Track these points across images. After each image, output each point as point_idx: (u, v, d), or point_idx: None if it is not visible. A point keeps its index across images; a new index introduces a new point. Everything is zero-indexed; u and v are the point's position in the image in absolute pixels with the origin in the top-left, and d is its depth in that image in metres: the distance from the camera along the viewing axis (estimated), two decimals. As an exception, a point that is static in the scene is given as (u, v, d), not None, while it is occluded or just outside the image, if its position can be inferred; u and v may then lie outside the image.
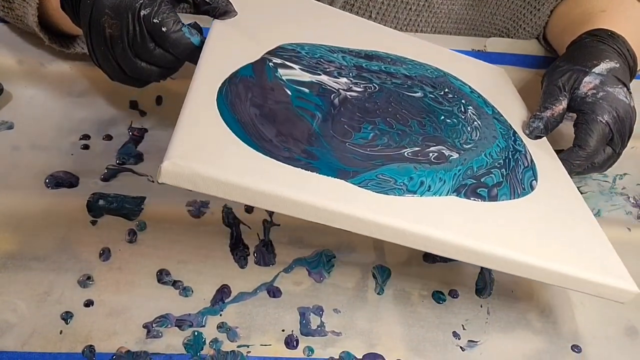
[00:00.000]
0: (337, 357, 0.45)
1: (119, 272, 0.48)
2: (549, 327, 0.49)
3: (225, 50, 0.46)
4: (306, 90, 0.46)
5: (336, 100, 0.47)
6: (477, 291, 0.51)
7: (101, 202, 0.50)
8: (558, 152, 0.56)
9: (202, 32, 0.47)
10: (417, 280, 0.51)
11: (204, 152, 0.36)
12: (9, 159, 0.53)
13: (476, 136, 0.52)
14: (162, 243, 0.49)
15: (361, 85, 0.50)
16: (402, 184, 0.43)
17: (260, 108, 0.42)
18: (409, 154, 0.46)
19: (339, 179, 0.40)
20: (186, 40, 0.45)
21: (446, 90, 0.56)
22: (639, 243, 0.57)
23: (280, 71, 0.47)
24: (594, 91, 0.54)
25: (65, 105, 0.58)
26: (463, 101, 0.56)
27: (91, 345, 0.44)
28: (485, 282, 0.52)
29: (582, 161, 0.54)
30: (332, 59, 0.52)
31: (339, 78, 0.50)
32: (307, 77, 0.48)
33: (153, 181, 0.53)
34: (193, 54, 0.46)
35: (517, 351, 0.47)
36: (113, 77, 0.49)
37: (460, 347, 0.47)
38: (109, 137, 0.56)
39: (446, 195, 0.44)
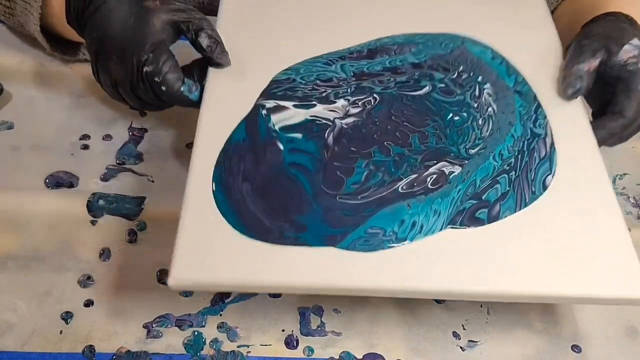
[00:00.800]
0: (337, 357, 0.45)
1: (119, 272, 0.48)
2: (549, 327, 0.49)
3: (221, 107, 0.48)
4: (299, 136, 0.47)
5: (330, 138, 0.47)
6: (477, 291, 0.51)
7: (101, 202, 0.50)
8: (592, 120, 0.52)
9: (202, 79, 0.49)
10: (417, 280, 0.51)
11: (202, 261, 0.40)
12: (9, 159, 0.53)
13: (487, 130, 0.50)
14: (162, 243, 0.49)
15: (359, 103, 0.50)
16: (391, 233, 0.43)
17: (252, 181, 0.44)
18: (404, 187, 0.45)
19: (327, 247, 0.41)
20: (185, 97, 0.47)
21: (461, 69, 0.54)
22: (639, 243, 0.57)
23: (273, 118, 0.47)
24: (634, 60, 0.52)
25: (65, 105, 0.58)
26: (480, 78, 0.53)
27: (91, 345, 0.44)
28: (485, 282, 0.52)
29: (619, 129, 0.51)
30: (329, 75, 0.51)
31: (335, 102, 0.49)
32: (301, 115, 0.48)
33: (153, 181, 0.54)
34: (193, 104, 0.48)
35: (517, 351, 0.47)
36: (114, 98, 0.50)
37: (460, 347, 0.47)
38: (109, 137, 0.56)
39: (440, 230, 0.43)
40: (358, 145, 0.47)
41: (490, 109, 0.51)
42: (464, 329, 0.48)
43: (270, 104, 0.49)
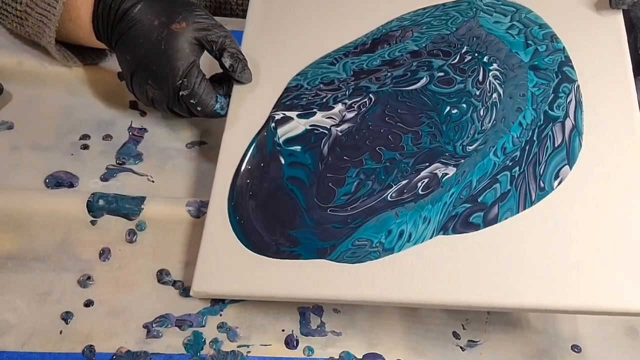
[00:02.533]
0: (337, 357, 0.45)
1: (119, 272, 0.48)
2: (549, 327, 0.49)
3: (241, 123, 0.50)
4: (299, 148, 0.48)
5: (325, 148, 0.48)
6: (477, 291, 0.51)
7: (101, 202, 0.50)
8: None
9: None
10: (417, 280, 0.51)
11: (215, 275, 0.45)
12: (9, 159, 0.53)
13: (490, 121, 0.46)
14: (162, 243, 0.49)
15: (355, 106, 0.50)
16: (378, 244, 0.43)
17: (256, 197, 0.47)
18: (393, 195, 0.45)
19: (318, 259, 0.44)
20: (218, 113, 0.52)
21: (464, 50, 0.51)
22: None
23: (279, 131, 0.49)
24: None
25: (65, 105, 0.58)
26: (485, 58, 0.50)
27: (91, 345, 0.44)
28: (485, 282, 0.52)
29: None
30: (332, 77, 0.52)
31: (333, 107, 0.50)
32: (301, 126, 0.49)
33: (153, 181, 0.53)
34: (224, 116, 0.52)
35: (517, 351, 0.47)
36: (148, 107, 0.55)
37: (460, 347, 0.47)
38: (109, 137, 0.56)
39: (430, 238, 0.43)
40: (350, 153, 0.48)
41: (495, 94, 0.48)
42: (464, 329, 0.48)
43: (278, 115, 0.50)
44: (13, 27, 0.57)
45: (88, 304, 0.46)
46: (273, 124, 0.50)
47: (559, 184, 0.43)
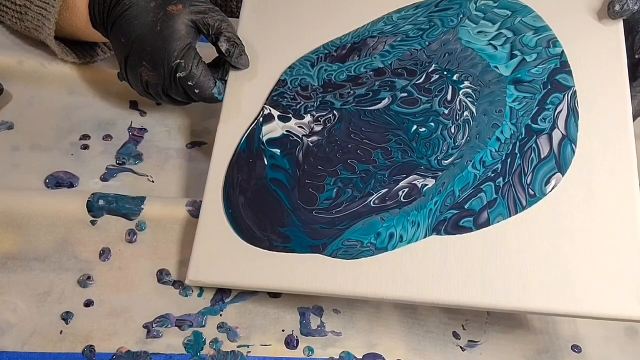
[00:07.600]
0: (337, 357, 0.45)
1: (119, 272, 0.48)
2: (549, 327, 0.49)
3: (237, 112, 0.50)
4: (278, 151, 0.48)
5: (300, 156, 0.48)
6: (477, 291, 0.51)
7: (101, 202, 0.50)
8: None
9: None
10: (417, 280, 0.51)
11: (211, 265, 0.46)
12: (9, 159, 0.53)
13: (463, 137, 0.46)
14: (162, 243, 0.49)
15: (321, 120, 0.49)
16: (369, 244, 0.44)
17: (244, 193, 0.47)
18: (376, 201, 0.45)
19: (313, 254, 0.44)
20: (215, 98, 0.51)
21: (432, 68, 0.49)
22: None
23: (264, 129, 0.49)
24: None
25: (65, 105, 0.58)
26: (455, 77, 0.48)
27: (91, 345, 0.44)
28: (485, 282, 0.51)
29: None
30: (307, 81, 0.51)
31: (304, 117, 0.50)
32: (279, 130, 0.49)
33: (153, 181, 0.53)
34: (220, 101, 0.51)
35: (517, 351, 0.47)
36: (142, 95, 0.54)
37: (460, 347, 0.47)
38: (109, 137, 0.56)
39: (424, 238, 0.43)
40: (324, 163, 0.48)
41: (466, 112, 0.47)
42: (464, 329, 0.48)
43: (267, 110, 0.50)
44: (12, 22, 0.57)
45: (88, 304, 0.46)
46: (261, 119, 0.50)
47: (551, 189, 0.43)
